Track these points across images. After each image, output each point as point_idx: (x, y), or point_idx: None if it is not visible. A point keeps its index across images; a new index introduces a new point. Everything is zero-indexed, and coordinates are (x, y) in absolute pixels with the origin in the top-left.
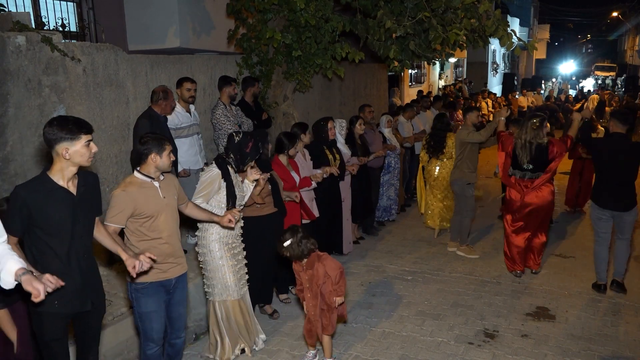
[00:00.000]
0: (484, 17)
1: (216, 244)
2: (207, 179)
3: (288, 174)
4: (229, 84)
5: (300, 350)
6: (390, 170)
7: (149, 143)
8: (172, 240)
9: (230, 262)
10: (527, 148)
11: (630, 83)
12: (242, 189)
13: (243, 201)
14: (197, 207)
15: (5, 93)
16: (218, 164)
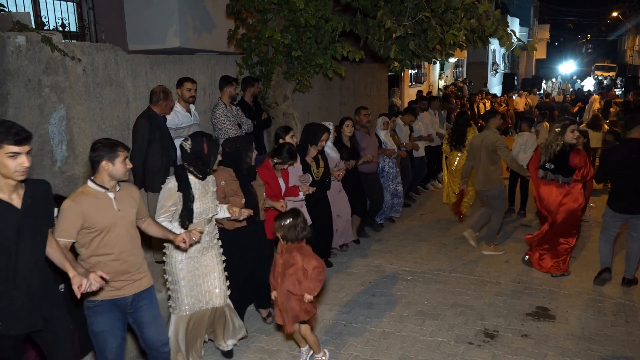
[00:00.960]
0: (483, 17)
1: (179, 257)
2: (165, 194)
3: (275, 180)
4: (230, 83)
5: (300, 350)
6: (384, 175)
7: (100, 149)
8: (125, 256)
9: (189, 277)
10: (548, 149)
11: (630, 83)
12: (207, 200)
13: (208, 216)
14: (154, 224)
15: (5, 93)
16: (177, 175)
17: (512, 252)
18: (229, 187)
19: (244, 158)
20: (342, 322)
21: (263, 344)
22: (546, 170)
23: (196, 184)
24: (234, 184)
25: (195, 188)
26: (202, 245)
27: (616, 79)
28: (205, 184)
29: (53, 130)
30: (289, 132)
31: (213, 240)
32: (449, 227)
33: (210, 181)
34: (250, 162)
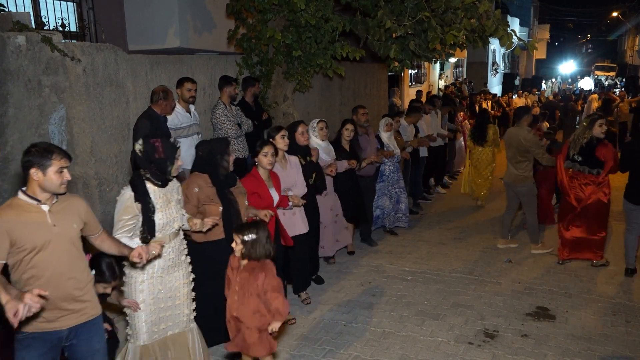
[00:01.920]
0: (483, 17)
1: (140, 276)
2: (120, 207)
3: (265, 189)
4: (230, 83)
5: (300, 350)
6: (384, 179)
7: (31, 154)
8: (60, 281)
9: (150, 299)
10: (576, 142)
11: (630, 83)
12: (171, 210)
13: (174, 228)
14: (108, 239)
15: (5, 93)
16: (133, 183)
17: (512, 252)
18: (204, 194)
19: (220, 162)
20: (342, 322)
21: None
22: (574, 162)
23: (156, 192)
24: (210, 191)
25: (155, 197)
26: (167, 263)
27: (616, 79)
28: (168, 192)
29: (53, 130)
30: (279, 132)
31: (180, 256)
32: (449, 227)
33: (174, 188)
34: (227, 167)
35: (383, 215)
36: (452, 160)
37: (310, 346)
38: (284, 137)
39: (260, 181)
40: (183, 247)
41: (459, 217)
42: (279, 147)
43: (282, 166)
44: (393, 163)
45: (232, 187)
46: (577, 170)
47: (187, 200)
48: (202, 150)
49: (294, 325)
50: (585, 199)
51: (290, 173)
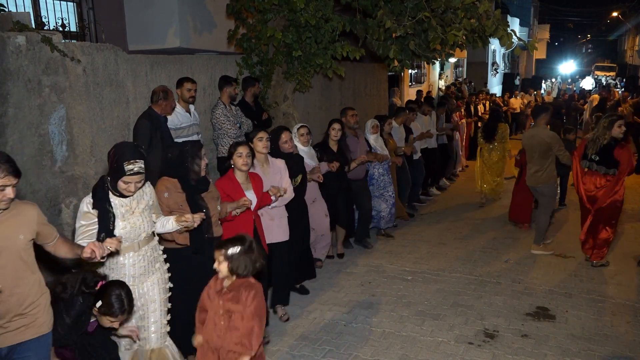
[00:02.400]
0: (483, 17)
1: None
2: (79, 214)
3: (240, 193)
4: (230, 84)
5: (300, 350)
6: (373, 182)
7: None
8: (1, 297)
9: None
10: (596, 143)
11: (630, 83)
12: (137, 217)
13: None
14: (63, 244)
15: (5, 93)
16: (94, 191)
17: (512, 252)
18: (173, 200)
19: (191, 166)
20: (342, 322)
21: (263, 344)
22: (591, 161)
23: (117, 201)
24: (179, 197)
25: (116, 205)
26: (139, 271)
27: (616, 79)
28: (134, 200)
29: (53, 130)
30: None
31: (155, 263)
32: (449, 227)
33: (144, 193)
34: (199, 172)
35: (379, 218)
36: (450, 162)
37: (310, 346)
38: (262, 139)
39: (235, 184)
40: (157, 253)
41: (459, 217)
42: (258, 150)
43: (263, 171)
44: (382, 165)
45: (203, 192)
46: (594, 170)
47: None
48: (172, 153)
49: (294, 325)
50: (601, 201)
51: (273, 178)
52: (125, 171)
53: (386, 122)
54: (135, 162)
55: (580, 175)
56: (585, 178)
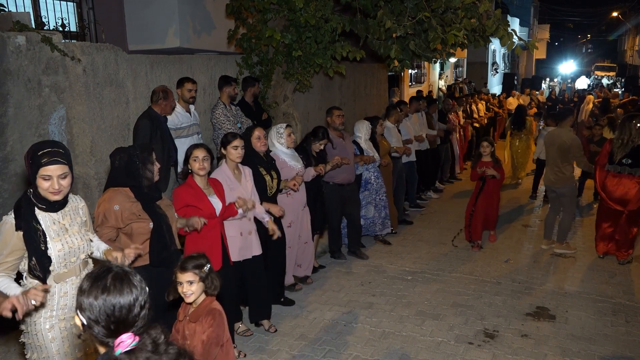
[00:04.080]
0: (484, 17)
1: (47, 322)
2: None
3: (203, 199)
4: (229, 83)
5: (300, 350)
6: (369, 187)
7: None
8: None
9: (67, 348)
10: (628, 146)
11: (630, 83)
12: (73, 236)
13: (80, 257)
14: None
15: (5, 93)
16: (17, 208)
17: (512, 252)
18: (128, 212)
19: (142, 173)
20: (342, 322)
21: (263, 344)
22: (623, 165)
23: (46, 217)
24: (134, 207)
25: (46, 222)
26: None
27: (612, 79)
28: (66, 215)
29: (53, 130)
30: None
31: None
32: (449, 227)
33: (75, 209)
34: (151, 178)
35: (368, 224)
36: (446, 164)
37: (310, 346)
38: (237, 148)
39: (197, 190)
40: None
41: (459, 217)
42: (231, 158)
43: (236, 178)
44: (376, 169)
45: (158, 200)
46: (629, 174)
47: (104, 222)
48: (120, 160)
49: (294, 325)
50: (635, 202)
51: (246, 186)
52: (42, 162)
53: (378, 123)
54: (51, 152)
55: (606, 179)
56: (611, 182)
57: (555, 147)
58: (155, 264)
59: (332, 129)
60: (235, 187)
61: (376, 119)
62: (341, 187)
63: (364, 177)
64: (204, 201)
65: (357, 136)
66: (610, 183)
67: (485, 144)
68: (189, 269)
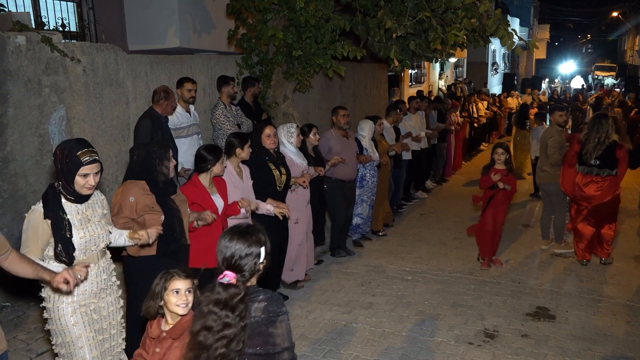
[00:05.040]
0: (484, 17)
1: (69, 307)
2: (28, 226)
3: (207, 197)
4: (228, 83)
5: (299, 350)
6: (364, 184)
7: None
8: None
9: (88, 333)
10: (600, 146)
11: (630, 83)
12: (94, 226)
13: (99, 246)
14: (20, 260)
15: (5, 93)
16: (45, 197)
17: (512, 252)
18: (142, 204)
19: (158, 168)
20: (342, 322)
21: None
22: (591, 166)
23: (72, 207)
24: (148, 199)
25: (71, 212)
26: (99, 286)
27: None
28: (89, 207)
29: (53, 130)
30: (245, 143)
31: (111, 277)
32: (449, 227)
33: (97, 202)
34: (167, 174)
35: (364, 223)
36: (439, 163)
37: (310, 346)
38: (249, 147)
39: (201, 189)
40: (112, 267)
41: (458, 216)
42: (243, 157)
43: (240, 176)
44: (373, 168)
45: (172, 195)
46: (596, 175)
47: (120, 212)
48: (138, 155)
49: (294, 325)
50: (600, 197)
51: (248, 183)
52: (82, 162)
53: (377, 123)
54: (88, 151)
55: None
56: (581, 182)
57: (542, 144)
58: (161, 255)
59: (336, 127)
60: (239, 184)
61: (376, 118)
62: (342, 183)
63: (360, 173)
64: (208, 200)
65: (360, 135)
66: (580, 183)
67: (500, 151)
68: (190, 277)
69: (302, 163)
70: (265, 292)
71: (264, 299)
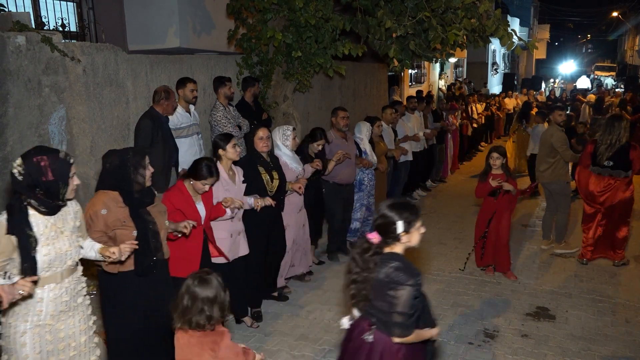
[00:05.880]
0: (484, 17)
1: (21, 326)
2: None
3: (191, 205)
4: (224, 84)
5: (300, 350)
6: (363, 188)
7: None
8: None
9: (36, 354)
10: (613, 148)
11: (630, 83)
12: (63, 241)
13: (66, 263)
14: None
15: (5, 93)
16: (10, 210)
17: (512, 252)
18: (114, 217)
19: (133, 177)
20: None
21: (263, 344)
22: (605, 167)
23: (40, 221)
24: (121, 212)
25: (39, 227)
26: (59, 308)
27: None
28: (60, 219)
29: (53, 130)
30: (227, 142)
31: (77, 298)
32: (449, 227)
33: (70, 213)
34: (143, 182)
35: (361, 227)
36: (439, 164)
37: (310, 346)
38: (235, 146)
39: (186, 196)
40: (81, 286)
41: (458, 216)
42: (230, 157)
43: (231, 179)
44: (371, 171)
45: (149, 205)
46: (609, 175)
47: (92, 225)
48: (111, 163)
49: (294, 325)
50: (612, 199)
51: (240, 187)
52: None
53: (375, 124)
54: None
55: (589, 181)
56: (594, 183)
57: (546, 144)
58: (139, 274)
59: (335, 129)
60: (230, 188)
61: (375, 119)
62: (340, 187)
63: (357, 177)
64: (191, 207)
65: (358, 137)
66: (593, 184)
67: (495, 155)
68: None
69: (297, 167)
70: (399, 262)
71: (393, 266)
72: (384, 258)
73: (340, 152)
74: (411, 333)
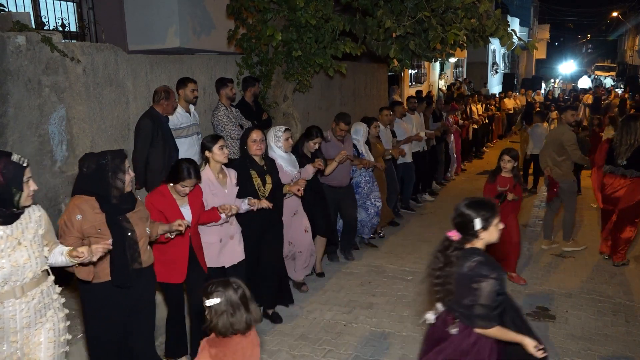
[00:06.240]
0: (484, 17)
1: None
2: None
3: (174, 207)
4: (226, 85)
5: (300, 350)
6: (359, 191)
7: None
8: None
9: None
10: (630, 147)
11: (630, 83)
12: (21, 253)
13: (27, 277)
14: None
15: (5, 93)
16: None
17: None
18: (88, 223)
19: (112, 181)
20: (342, 322)
21: (263, 344)
22: (618, 166)
23: None
24: (97, 219)
25: None
26: (21, 324)
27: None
28: (18, 229)
29: (53, 130)
30: (217, 141)
31: (46, 311)
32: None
33: (30, 221)
34: (122, 188)
35: (362, 227)
36: (440, 165)
37: (310, 346)
38: (222, 147)
39: (169, 199)
40: (51, 298)
41: None
42: (217, 159)
43: (220, 183)
44: (368, 173)
45: (129, 212)
46: (622, 175)
47: (66, 232)
48: (88, 167)
49: (294, 325)
50: (626, 200)
51: (232, 191)
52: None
53: (372, 125)
54: (16, 155)
55: (601, 179)
56: (607, 182)
57: (554, 143)
58: (116, 284)
59: (333, 135)
60: (219, 192)
61: (372, 120)
62: (334, 189)
63: (354, 180)
64: (175, 210)
65: (354, 139)
66: (606, 183)
67: (506, 158)
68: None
69: (292, 170)
70: (481, 256)
71: (476, 259)
72: (466, 253)
73: (343, 153)
74: (493, 326)
